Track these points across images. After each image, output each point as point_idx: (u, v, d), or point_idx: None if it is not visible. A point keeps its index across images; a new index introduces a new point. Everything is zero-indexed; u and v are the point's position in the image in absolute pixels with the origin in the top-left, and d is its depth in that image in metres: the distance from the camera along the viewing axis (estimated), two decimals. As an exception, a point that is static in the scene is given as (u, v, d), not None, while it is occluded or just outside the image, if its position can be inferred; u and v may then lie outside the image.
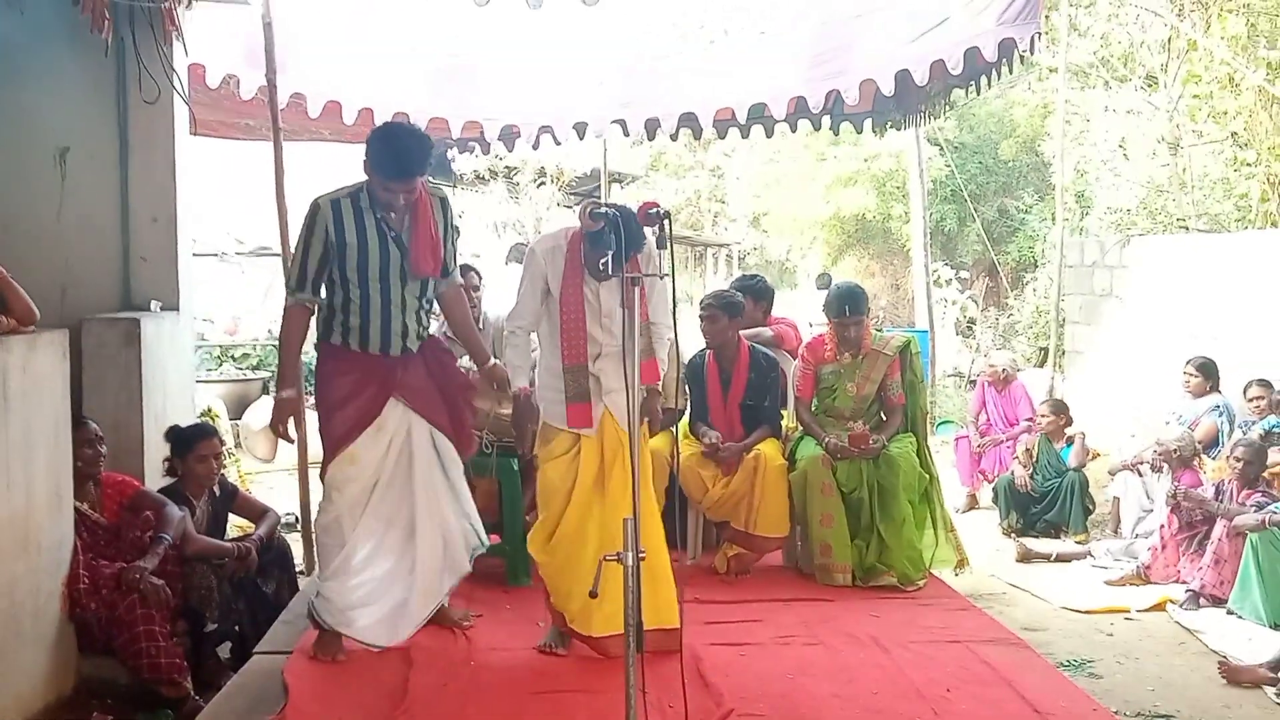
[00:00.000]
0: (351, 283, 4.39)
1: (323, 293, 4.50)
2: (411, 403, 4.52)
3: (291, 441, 4.86)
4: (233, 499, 5.53)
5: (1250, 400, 7.48)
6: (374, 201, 4.36)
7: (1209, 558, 5.95)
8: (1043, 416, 7.95)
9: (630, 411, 3.64)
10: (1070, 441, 7.74)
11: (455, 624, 4.86)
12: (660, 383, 5.28)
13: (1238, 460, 6.16)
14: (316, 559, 4.82)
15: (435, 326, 5.07)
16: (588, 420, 4.63)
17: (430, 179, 4.60)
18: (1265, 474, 6.19)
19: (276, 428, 4.53)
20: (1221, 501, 6.14)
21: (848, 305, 5.90)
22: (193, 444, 5.28)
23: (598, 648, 4.53)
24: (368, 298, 4.40)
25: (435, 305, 4.77)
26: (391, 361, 4.50)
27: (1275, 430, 7.11)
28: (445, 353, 4.76)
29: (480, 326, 6.03)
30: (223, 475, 5.61)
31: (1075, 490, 7.51)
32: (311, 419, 5.41)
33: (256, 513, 5.53)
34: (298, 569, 6.41)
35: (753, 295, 6.50)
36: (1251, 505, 5.91)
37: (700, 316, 6.05)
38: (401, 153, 4.28)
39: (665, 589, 4.55)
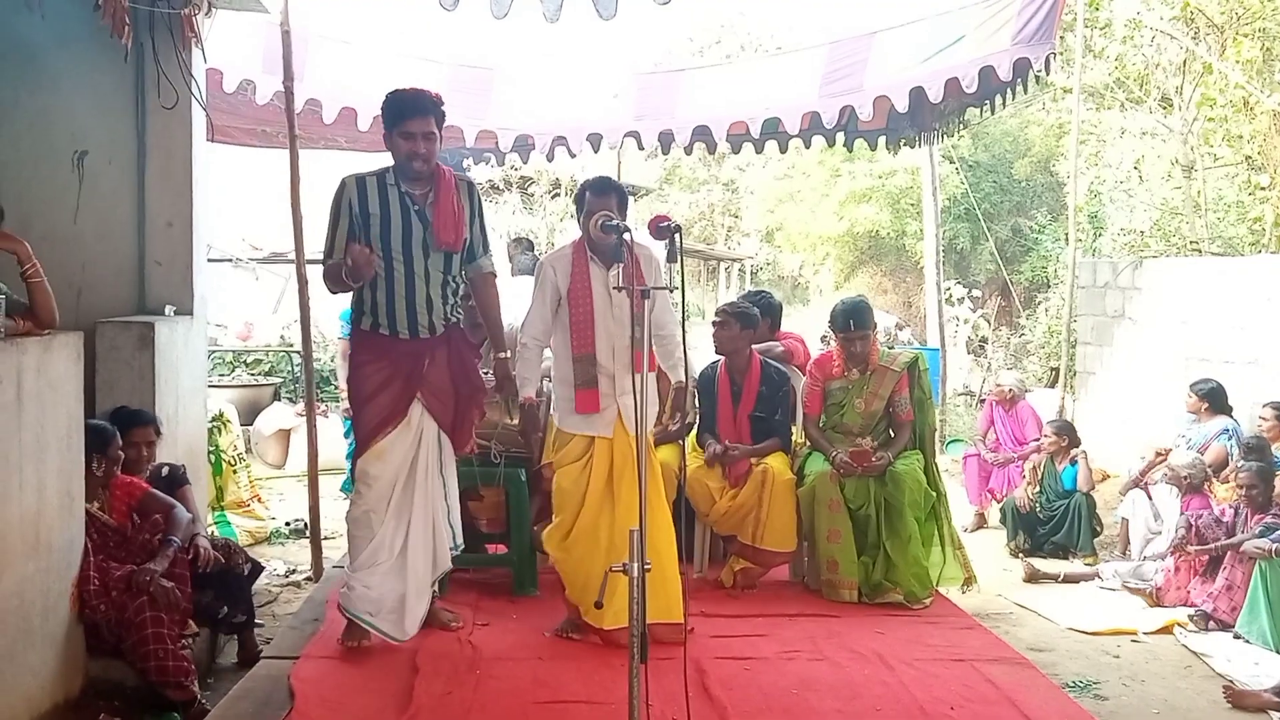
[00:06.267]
0: (376, 255, 4.51)
1: None
2: (428, 403, 4.68)
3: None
4: (176, 488, 5.30)
5: (1261, 421, 7.46)
6: (399, 178, 4.56)
7: (1220, 582, 5.93)
8: (1046, 437, 7.95)
9: (639, 418, 3.71)
10: (1074, 462, 7.73)
11: (444, 625, 4.97)
12: (672, 393, 5.32)
13: (1248, 487, 6.14)
14: (346, 551, 4.93)
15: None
16: (595, 405, 4.82)
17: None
18: (1276, 496, 6.16)
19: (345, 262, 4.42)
20: (1235, 529, 6.11)
21: (852, 320, 5.91)
22: (127, 429, 5.17)
23: (608, 639, 4.72)
24: (391, 270, 4.55)
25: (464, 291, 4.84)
26: (418, 349, 4.62)
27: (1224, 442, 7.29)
28: (469, 348, 4.86)
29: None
30: (182, 467, 5.54)
31: (1082, 512, 7.50)
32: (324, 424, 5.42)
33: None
34: (304, 575, 6.45)
35: (759, 311, 6.50)
36: (1259, 528, 5.89)
37: (713, 323, 6.10)
38: (411, 95, 4.54)
39: (672, 586, 4.76)
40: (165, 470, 5.39)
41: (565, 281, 4.89)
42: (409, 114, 4.50)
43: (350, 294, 4.67)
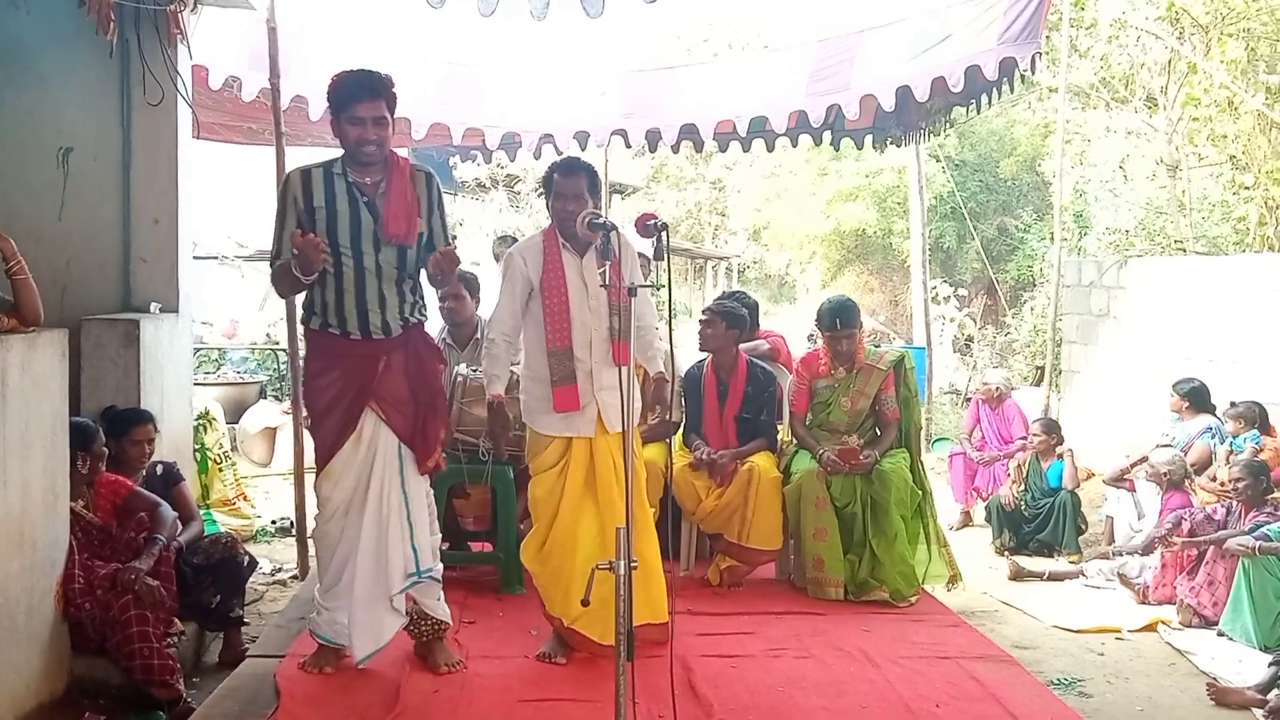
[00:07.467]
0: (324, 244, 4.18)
1: None
2: (385, 414, 4.37)
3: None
4: (171, 486, 5.37)
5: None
6: (348, 167, 4.29)
7: (1201, 577, 5.95)
8: (1034, 435, 7.97)
9: (625, 417, 3.67)
10: (1059, 459, 7.76)
11: (435, 669, 4.53)
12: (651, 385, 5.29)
13: (1237, 480, 6.16)
14: (316, 568, 4.78)
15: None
16: (574, 402, 4.57)
17: None
18: (1270, 496, 6.17)
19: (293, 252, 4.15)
20: (1227, 526, 6.13)
21: (839, 318, 5.93)
22: (128, 427, 5.21)
23: (600, 653, 4.50)
24: (340, 265, 4.24)
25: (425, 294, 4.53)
26: (372, 351, 4.32)
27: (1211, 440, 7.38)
28: (430, 350, 4.54)
29: (478, 335, 6.04)
30: (175, 464, 5.56)
31: (1067, 510, 7.51)
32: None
33: (185, 514, 5.30)
34: (290, 573, 6.43)
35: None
36: (1250, 525, 5.90)
37: (700, 321, 6.09)
38: (359, 77, 4.26)
39: (656, 586, 4.68)
40: (160, 468, 5.39)
41: (537, 272, 4.62)
42: (358, 97, 4.21)
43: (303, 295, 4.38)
